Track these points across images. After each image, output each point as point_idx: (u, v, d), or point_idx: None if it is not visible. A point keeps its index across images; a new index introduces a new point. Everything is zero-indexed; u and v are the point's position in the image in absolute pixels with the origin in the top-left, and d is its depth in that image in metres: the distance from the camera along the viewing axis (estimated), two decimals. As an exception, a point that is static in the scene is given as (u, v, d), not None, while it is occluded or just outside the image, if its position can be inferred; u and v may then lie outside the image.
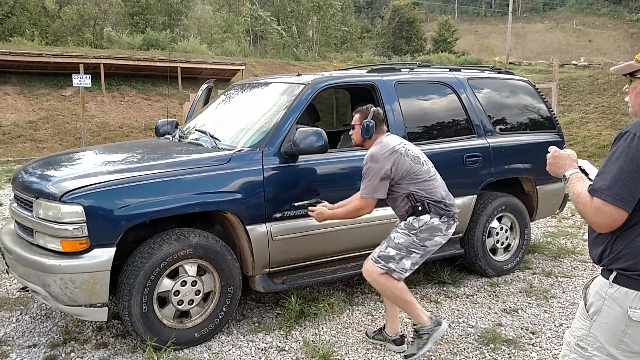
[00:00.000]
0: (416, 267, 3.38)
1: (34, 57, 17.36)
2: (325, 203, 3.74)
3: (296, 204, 3.82)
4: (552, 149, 2.16)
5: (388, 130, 3.67)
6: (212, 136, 4.12)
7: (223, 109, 4.94)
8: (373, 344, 3.63)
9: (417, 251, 3.29)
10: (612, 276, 1.90)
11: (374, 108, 3.52)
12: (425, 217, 3.29)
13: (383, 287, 3.36)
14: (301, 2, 37.82)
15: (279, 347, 3.63)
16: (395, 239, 3.34)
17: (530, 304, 4.40)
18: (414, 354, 3.37)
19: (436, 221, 3.29)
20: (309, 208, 3.73)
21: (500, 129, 5.03)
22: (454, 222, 3.39)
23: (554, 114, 5.53)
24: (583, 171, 2.06)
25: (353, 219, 3.66)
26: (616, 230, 1.88)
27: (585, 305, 1.98)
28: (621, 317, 1.87)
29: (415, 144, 4.40)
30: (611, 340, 1.90)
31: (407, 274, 3.35)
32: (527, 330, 3.93)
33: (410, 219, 3.35)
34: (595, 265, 2.01)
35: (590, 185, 1.89)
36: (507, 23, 38.10)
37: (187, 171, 3.60)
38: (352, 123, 3.61)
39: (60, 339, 3.70)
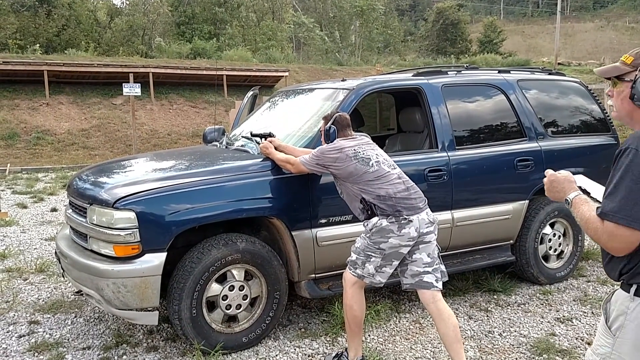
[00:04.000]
0: (387, 272, 3.19)
1: (86, 67, 18.04)
2: (274, 139, 3.82)
3: (252, 132, 4.08)
4: (548, 172, 2.02)
5: (356, 134, 3.53)
6: (257, 142, 4.16)
7: (268, 115, 4.98)
8: None
9: (374, 254, 3.16)
10: (632, 289, 1.81)
11: (339, 114, 3.47)
12: (374, 219, 3.20)
13: (345, 299, 3.29)
14: (344, 8, 37.89)
15: (325, 353, 3.61)
16: (356, 243, 3.30)
17: (585, 312, 4.24)
18: None
19: (384, 222, 3.14)
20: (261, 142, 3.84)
21: (552, 131, 4.88)
22: (407, 222, 3.14)
23: (607, 116, 5.33)
24: (584, 191, 1.94)
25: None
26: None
27: (607, 321, 1.87)
28: None
29: (464, 148, 4.38)
30: (637, 357, 1.78)
31: (379, 279, 3.19)
32: (582, 340, 3.79)
33: (365, 222, 3.29)
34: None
35: (599, 208, 1.77)
36: (555, 23, 37.08)
37: (234, 177, 3.65)
38: (319, 129, 3.64)
39: (113, 341, 3.80)
